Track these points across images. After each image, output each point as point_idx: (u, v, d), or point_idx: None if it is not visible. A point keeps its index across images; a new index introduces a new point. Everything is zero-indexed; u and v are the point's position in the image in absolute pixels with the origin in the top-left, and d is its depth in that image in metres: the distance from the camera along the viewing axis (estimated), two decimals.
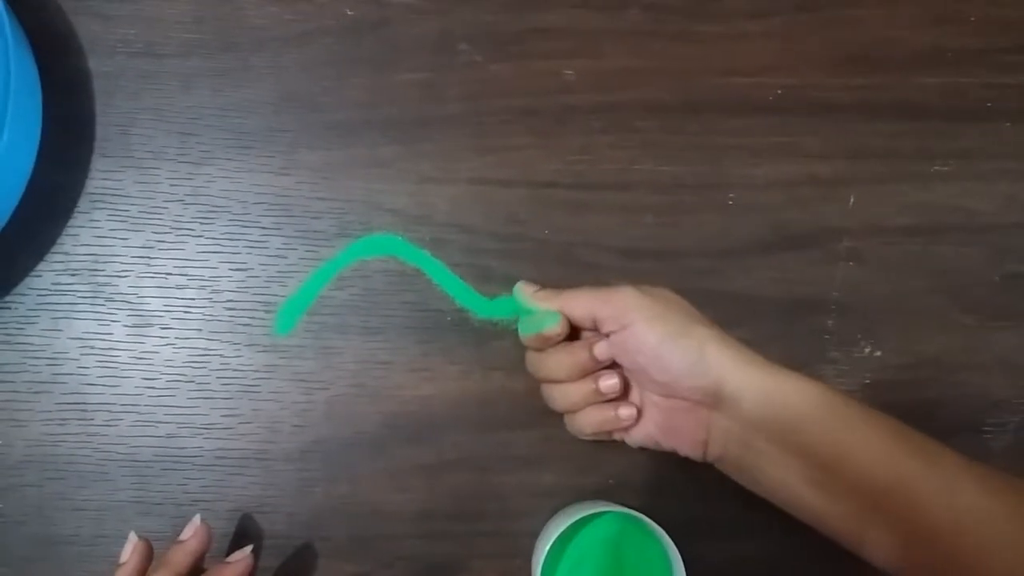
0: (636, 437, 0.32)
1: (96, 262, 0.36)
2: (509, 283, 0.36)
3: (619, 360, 0.31)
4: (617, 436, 0.32)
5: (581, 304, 0.30)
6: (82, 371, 0.35)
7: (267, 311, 0.36)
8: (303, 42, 0.37)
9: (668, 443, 0.31)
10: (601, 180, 0.37)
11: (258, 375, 0.36)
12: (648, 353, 0.29)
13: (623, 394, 0.31)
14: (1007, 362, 0.38)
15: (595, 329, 0.31)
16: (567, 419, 0.33)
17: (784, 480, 0.28)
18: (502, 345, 0.36)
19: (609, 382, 0.31)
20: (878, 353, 0.37)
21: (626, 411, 0.31)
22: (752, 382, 0.28)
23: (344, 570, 0.36)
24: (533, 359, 0.32)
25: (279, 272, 0.36)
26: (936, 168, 0.38)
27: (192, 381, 0.35)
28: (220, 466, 0.35)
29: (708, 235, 0.37)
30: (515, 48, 0.37)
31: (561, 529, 0.31)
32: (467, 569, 0.36)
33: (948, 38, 0.39)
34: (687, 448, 0.30)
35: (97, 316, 0.35)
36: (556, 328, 0.31)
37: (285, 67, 0.37)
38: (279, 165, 0.36)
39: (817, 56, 0.38)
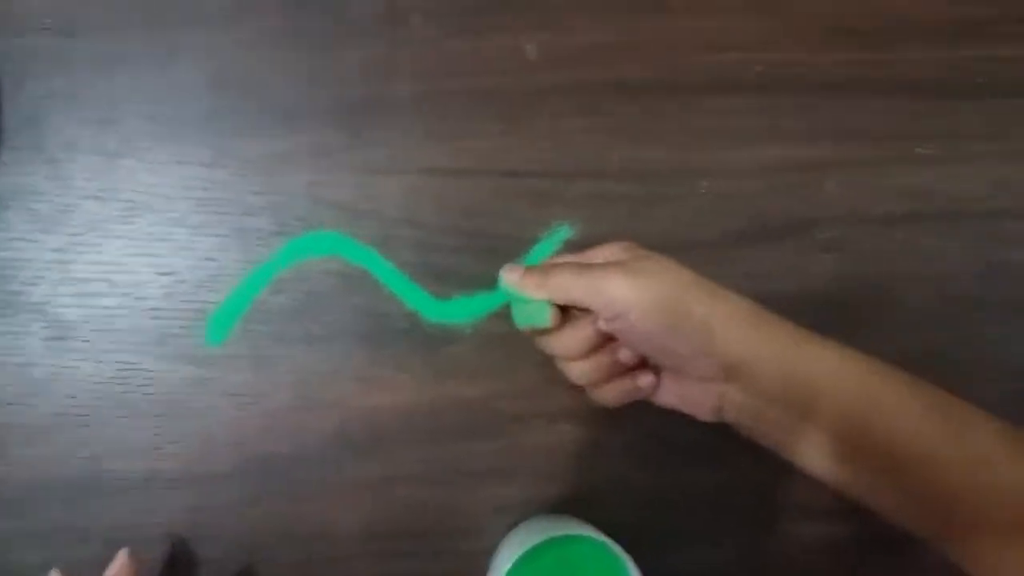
0: (660, 400, 0.31)
1: (6, 268, 0.32)
2: (465, 283, 0.33)
3: (622, 342, 0.29)
4: (643, 397, 0.31)
5: (570, 294, 0.28)
6: None
7: (197, 319, 0.33)
8: (236, 18, 0.33)
9: (686, 409, 0.30)
10: (568, 168, 0.34)
11: (188, 390, 0.33)
12: (651, 343, 0.28)
13: (640, 361, 0.30)
14: (994, 355, 0.35)
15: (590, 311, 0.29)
16: (589, 391, 0.31)
17: (802, 449, 0.27)
18: (456, 351, 0.33)
19: (626, 353, 0.29)
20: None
21: (645, 380, 0.30)
22: (765, 355, 0.27)
23: None
24: (540, 341, 0.31)
25: (210, 276, 0.33)
26: (919, 150, 0.35)
27: (116, 398, 0.33)
28: (150, 488, 0.33)
29: (681, 225, 0.34)
30: (473, 21, 0.34)
31: (516, 556, 0.29)
32: None
33: (944, 6, 0.36)
34: (703, 415, 0.29)
35: (9, 329, 0.32)
36: (547, 323, 0.29)
37: (215, 46, 0.33)
38: (208, 156, 0.33)
39: (802, 29, 0.35)
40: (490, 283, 0.34)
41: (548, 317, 0.29)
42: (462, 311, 0.33)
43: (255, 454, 0.33)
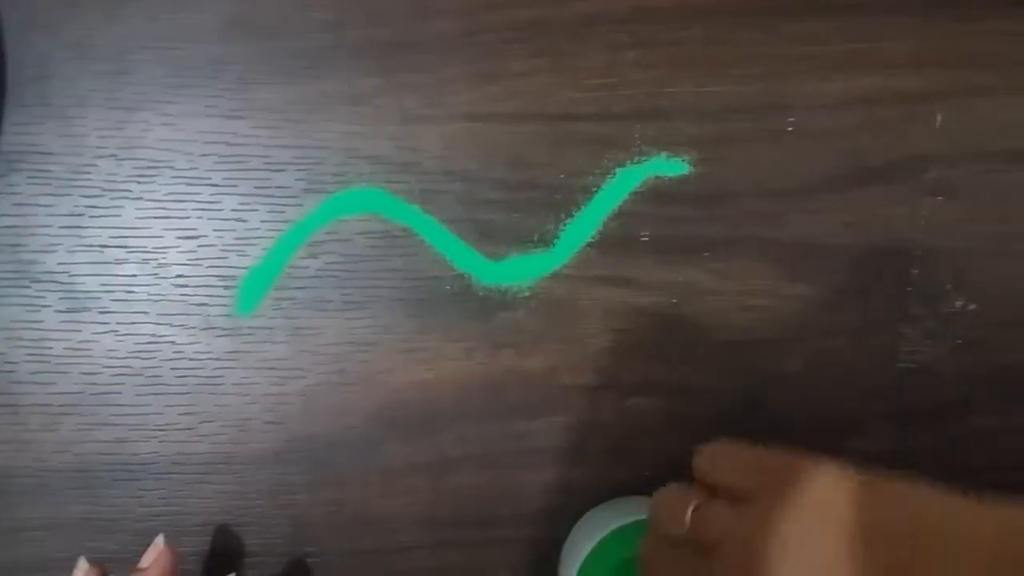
0: None
1: (18, 236, 0.30)
2: (517, 240, 0.30)
3: None
4: None
5: None
6: (9, 367, 0.30)
7: (226, 287, 0.30)
8: None
9: None
10: (628, 108, 0.30)
11: (219, 364, 0.30)
12: None
13: None
14: None
15: None
16: None
17: None
18: (512, 317, 0.30)
19: None
20: (972, 307, 0.31)
21: None
22: None
23: None
24: None
25: (237, 239, 0.30)
26: None
27: (141, 374, 0.30)
28: (181, 473, 0.30)
29: (764, 171, 0.30)
30: None
31: (589, 548, 0.26)
32: None
33: None
34: None
35: (23, 300, 0.30)
36: None
37: None
38: (230, 106, 0.30)
39: None
40: (545, 239, 0.30)
41: None
42: (519, 271, 0.30)
43: (295, 435, 0.30)
